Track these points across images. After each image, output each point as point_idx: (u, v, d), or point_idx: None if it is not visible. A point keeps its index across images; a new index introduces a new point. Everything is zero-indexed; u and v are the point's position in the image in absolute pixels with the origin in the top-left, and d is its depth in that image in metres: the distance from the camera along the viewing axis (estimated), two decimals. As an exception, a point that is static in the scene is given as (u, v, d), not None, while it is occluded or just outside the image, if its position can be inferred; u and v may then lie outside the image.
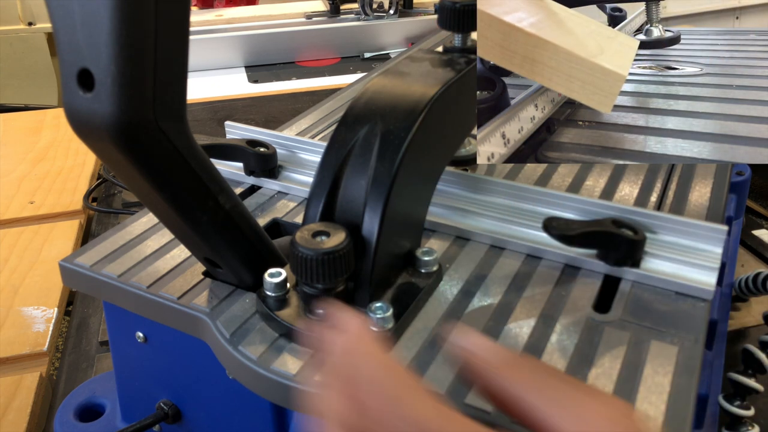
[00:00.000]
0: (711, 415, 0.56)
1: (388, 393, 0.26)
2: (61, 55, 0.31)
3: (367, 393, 0.26)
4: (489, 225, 0.51)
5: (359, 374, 0.27)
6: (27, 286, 0.80)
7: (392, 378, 0.26)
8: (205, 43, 1.34)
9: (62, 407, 0.58)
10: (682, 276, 0.45)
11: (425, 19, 1.43)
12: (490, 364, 0.28)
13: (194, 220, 0.38)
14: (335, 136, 0.44)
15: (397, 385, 0.26)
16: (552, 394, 0.26)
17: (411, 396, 0.26)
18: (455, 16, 0.50)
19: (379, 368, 0.27)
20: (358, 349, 0.28)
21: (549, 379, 0.27)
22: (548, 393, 0.26)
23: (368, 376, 0.27)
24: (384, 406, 0.26)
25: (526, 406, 0.26)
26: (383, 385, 0.26)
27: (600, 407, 0.26)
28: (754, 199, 0.99)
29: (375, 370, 0.27)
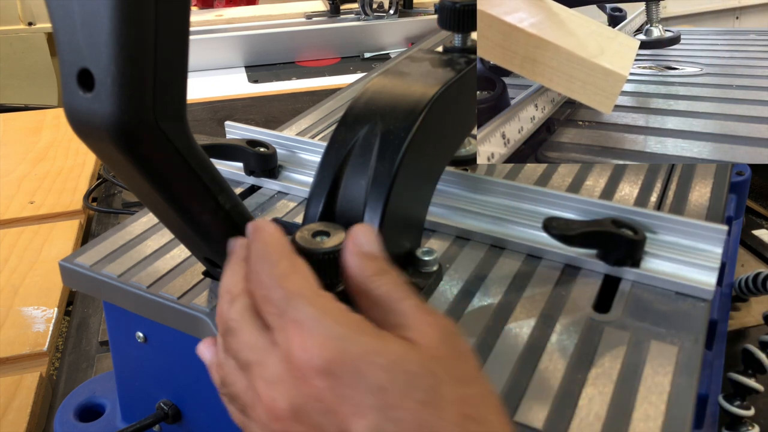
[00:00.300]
0: (711, 415, 0.56)
1: (273, 264, 0.31)
2: (61, 55, 0.31)
3: (255, 262, 0.32)
4: (489, 225, 0.51)
5: (254, 251, 0.33)
6: (27, 286, 0.80)
7: (281, 256, 0.32)
8: (205, 43, 1.34)
9: (62, 407, 0.58)
10: (682, 276, 0.45)
11: (425, 19, 1.43)
12: (363, 269, 0.33)
13: (194, 220, 0.38)
14: (335, 136, 0.44)
15: (283, 261, 0.32)
16: (405, 306, 0.31)
17: (292, 271, 0.31)
18: (455, 16, 0.50)
19: (271, 246, 0.33)
20: (259, 238, 0.33)
21: (407, 295, 0.32)
22: (402, 305, 0.31)
23: (261, 251, 0.32)
24: (267, 273, 0.31)
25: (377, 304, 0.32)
26: (271, 259, 0.32)
27: (439, 321, 0.31)
28: (754, 199, 1.00)
29: (268, 247, 0.32)
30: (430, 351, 0.29)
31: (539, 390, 0.37)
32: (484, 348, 0.40)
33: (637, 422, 0.35)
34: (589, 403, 0.36)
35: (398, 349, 0.28)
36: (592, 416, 0.36)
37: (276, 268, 0.31)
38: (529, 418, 0.36)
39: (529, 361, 0.39)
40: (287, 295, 0.30)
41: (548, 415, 0.36)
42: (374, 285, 0.32)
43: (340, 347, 0.28)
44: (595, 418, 0.35)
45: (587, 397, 0.37)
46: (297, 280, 0.31)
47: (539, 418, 0.35)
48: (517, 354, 0.40)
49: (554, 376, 0.38)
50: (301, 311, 0.29)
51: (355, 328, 0.29)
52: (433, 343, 0.29)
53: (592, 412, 0.36)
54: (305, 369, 0.28)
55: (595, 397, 0.37)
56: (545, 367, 0.39)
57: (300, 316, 0.29)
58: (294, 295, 0.30)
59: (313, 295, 0.30)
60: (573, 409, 0.36)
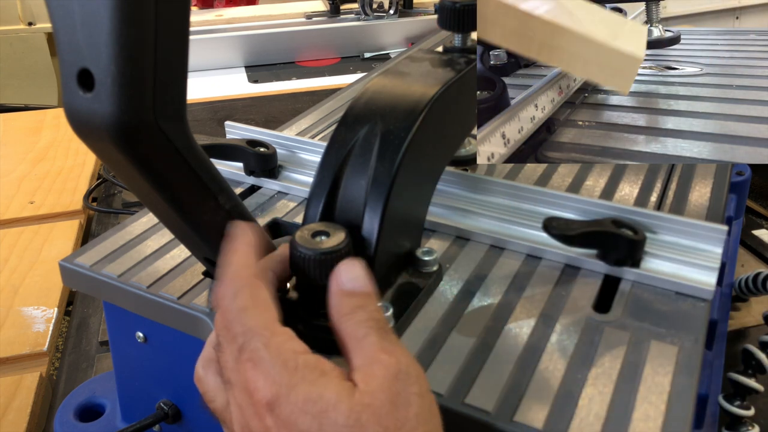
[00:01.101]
0: (711, 415, 0.56)
1: (234, 294, 0.33)
2: (61, 55, 0.31)
3: (219, 288, 0.34)
4: (489, 225, 0.51)
5: (222, 274, 0.35)
6: (27, 286, 0.80)
7: (243, 285, 0.33)
8: (205, 43, 1.34)
9: (62, 407, 0.58)
10: (682, 276, 0.45)
11: (425, 19, 1.43)
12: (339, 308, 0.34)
13: (194, 220, 0.38)
14: (335, 136, 0.44)
15: (244, 292, 0.33)
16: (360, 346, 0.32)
17: (252, 305, 0.32)
18: (455, 16, 0.50)
19: (236, 271, 0.34)
20: (227, 259, 0.35)
21: (368, 332, 0.32)
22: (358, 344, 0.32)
23: (226, 276, 0.34)
24: (227, 304, 0.33)
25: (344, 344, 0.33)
26: (234, 287, 0.33)
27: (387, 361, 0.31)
28: (754, 199, 1.00)
29: (232, 272, 0.34)
30: (366, 398, 0.30)
31: (539, 390, 0.37)
32: (484, 348, 0.40)
33: (637, 422, 0.35)
34: (589, 403, 0.36)
35: (331, 398, 0.29)
36: (592, 416, 0.36)
37: (236, 300, 0.33)
38: (529, 418, 0.36)
39: (529, 361, 0.39)
40: (245, 332, 0.32)
41: (548, 415, 0.36)
42: (343, 325, 0.33)
43: (283, 392, 0.30)
44: (595, 418, 0.35)
45: (587, 397, 0.37)
46: (255, 316, 0.32)
47: (539, 418, 0.35)
48: (517, 354, 0.40)
49: (554, 376, 0.38)
50: (257, 352, 0.31)
51: (300, 373, 0.30)
52: (372, 388, 0.30)
53: (592, 412, 0.36)
54: (257, 404, 0.30)
55: (595, 397, 0.37)
56: (545, 367, 0.39)
57: (254, 356, 0.31)
58: (251, 334, 0.32)
59: (270, 335, 0.32)
60: (573, 409, 0.36)
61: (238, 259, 0.35)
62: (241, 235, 0.36)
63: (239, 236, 0.36)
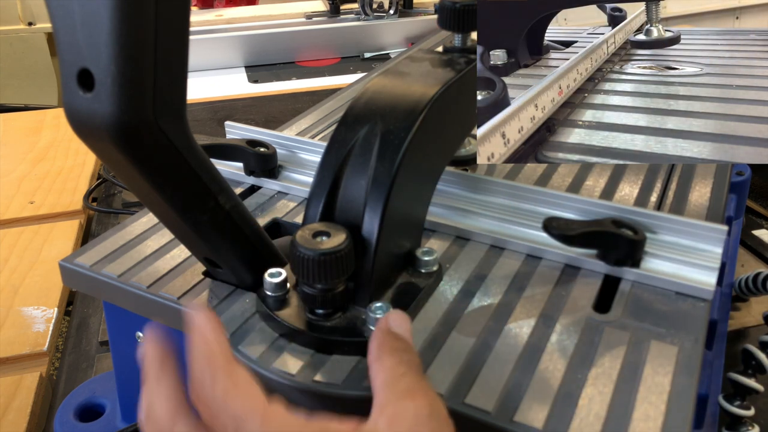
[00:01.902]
0: (711, 415, 0.56)
1: (213, 381, 0.31)
2: (61, 55, 0.31)
3: (195, 376, 0.32)
4: (489, 225, 0.51)
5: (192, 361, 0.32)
6: (27, 286, 0.80)
7: (217, 369, 0.31)
8: (205, 43, 1.34)
9: (62, 407, 0.58)
10: (682, 276, 0.45)
11: (425, 19, 1.43)
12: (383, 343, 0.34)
13: (194, 220, 0.38)
14: (335, 136, 0.44)
15: (221, 377, 0.31)
16: (386, 392, 0.32)
17: (233, 389, 0.31)
18: (455, 16, 0.50)
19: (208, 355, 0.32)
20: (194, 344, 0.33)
21: (397, 379, 0.32)
22: (386, 390, 0.32)
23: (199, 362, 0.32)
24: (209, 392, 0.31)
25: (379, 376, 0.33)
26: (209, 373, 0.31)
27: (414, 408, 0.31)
28: (754, 199, 1.00)
29: (204, 356, 0.32)
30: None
31: (539, 390, 0.37)
32: (484, 348, 0.40)
33: (637, 422, 0.35)
34: (589, 403, 0.36)
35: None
36: (592, 416, 0.36)
37: (216, 388, 0.31)
38: (529, 418, 0.36)
39: (529, 361, 0.39)
40: (235, 418, 0.30)
41: (548, 415, 0.36)
42: (384, 358, 0.34)
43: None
44: (595, 418, 0.35)
45: (587, 397, 0.37)
46: (241, 398, 0.30)
47: (539, 418, 0.35)
48: (517, 354, 0.40)
49: (554, 376, 0.38)
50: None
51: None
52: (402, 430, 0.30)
53: (592, 412, 0.36)
54: None
55: (595, 397, 0.37)
56: (545, 367, 0.39)
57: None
58: (243, 417, 0.30)
59: (263, 412, 0.30)
60: (573, 409, 0.36)
61: (206, 346, 0.33)
62: (204, 321, 0.34)
63: (202, 323, 0.34)
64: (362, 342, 0.39)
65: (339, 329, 0.40)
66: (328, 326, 0.40)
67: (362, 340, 0.39)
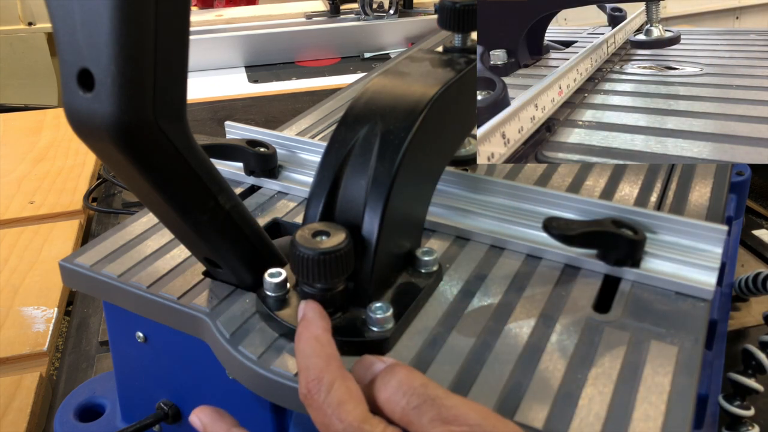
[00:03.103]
0: (711, 415, 0.56)
1: (327, 389, 0.32)
2: (61, 55, 0.31)
3: (300, 364, 0.34)
4: (489, 225, 0.51)
5: (306, 366, 0.34)
6: (27, 286, 0.80)
7: (335, 377, 0.33)
8: (205, 43, 1.34)
9: (62, 407, 0.58)
10: (682, 276, 0.45)
11: (425, 19, 1.43)
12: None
13: (194, 220, 0.38)
14: (335, 136, 0.44)
15: (338, 386, 0.32)
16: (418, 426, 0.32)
17: (348, 398, 0.32)
18: (455, 16, 0.50)
19: (325, 363, 0.34)
20: (302, 333, 0.35)
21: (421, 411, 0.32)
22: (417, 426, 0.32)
23: (315, 369, 0.33)
24: (323, 400, 0.32)
25: None
26: (326, 382, 0.33)
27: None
28: (754, 199, 1.00)
29: (307, 347, 0.34)
30: None
31: (539, 390, 0.37)
32: (484, 348, 0.40)
33: (637, 422, 0.35)
34: (589, 403, 0.36)
35: None
36: (592, 416, 0.36)
37: (332, 396, 0.32)
38: (529, 418, 0.36)
39: (529, 361, 0.39)
40: (345, 428, 0.31)
41: (548, 415, 0.36)
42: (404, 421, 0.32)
43: None
44: (595, 418, 0.35)
45: (587, 397, 0.37)
46: (353, 410, 0.32)
47: (539, 418, 0.35)
48: (517, 354, 0.40)
49: (554, 376, 0.38)
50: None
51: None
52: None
53: (592, 412, 0.36)
54: None
55: (595, 397, 0.37)
56: (545, 367, 0.39)
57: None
58: (352, 429, 0.31)
59: (371, 429, 0.31)
60: (573, 409, 0.36)
61: (322, 349, 0.34)
62: (319, 319, 0.35)
63: (316, 320, 0.35)
64: (362, 342, 0.39)
65: (339, 329, 0.40)
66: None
67: (362, 340, 0.39)
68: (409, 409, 0.32)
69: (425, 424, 0.31)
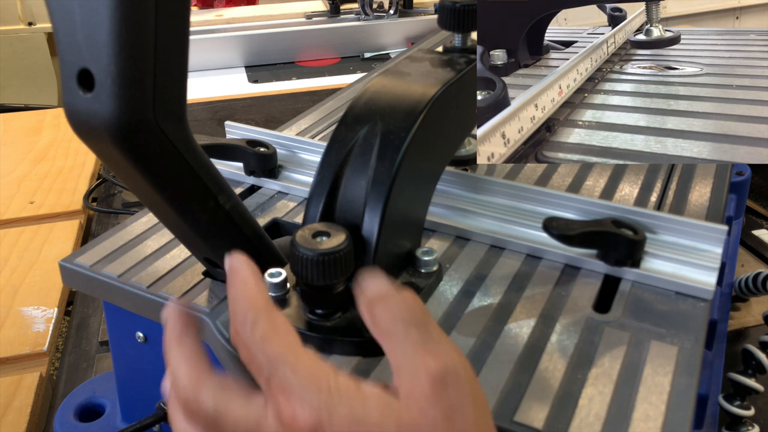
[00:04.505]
0: (711, 415, 0.56)
1: (252, 325, 0.31)
2: (61, 55, 0.31)
3: (234, 321, 0.32)
4: (489, 225, 0.51)
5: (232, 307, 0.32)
6: (27, 286, 0.80)
7: (259, 313, 0.32)
8: (205, 43, 1.34)
9: (62, 407, 0.58)
10: (682, 276, 0.45)
11: (425, 19, 1.43)
12: (364, 298, 0.32)
13: (194, 220, 0.38)
14: (335, 136, 0.44)
15: (262, 321, 0.31)
16: (399, 346, 0.30)
17: (273, 333, 0.31)
18: (455, 16, 0.50)
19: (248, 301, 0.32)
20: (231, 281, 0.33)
21: (405, 328, 0.30)
22: (396, 344, 0.30)
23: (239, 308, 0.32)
24: (248, 336, 0.31)
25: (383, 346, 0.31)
26: (250, 318, 0.31)
27: (433, 365, 0.29)
28: (754, 199, 0.99)
29: (245, 302, 0.32)
30: (411, 416, 0.28)
31: (539, 390, 0.37)
32: (484, 348, 0.40)
33: (637, 422, 0.35)
34: (589, 403, 0.36)
35: (376, 419, 0.28)
36: (592, 416, 0.36)
37: (255, 330, 0.31)
38: (529, 418, 0.36)
39: (529, 361, 0.39)
40: (270, 361, 0.30)
41: (548, 415, 0.36)
42: (379, 327, 0.31)
43: (325, 416, 0.28)
44: (595, 418, 0.35)
45: (587, 397, 0.37)
46: (278, 343, 0.31)
47: (539, 418, 0.35)
48: (517, 354, 0.40)
49: (554, 376, 0.38)
50: (286, 380, 0.29)
51: (337, 394, 0.29)
52: (419, 405, 0.28)
53: (592, 412, 0.36)
54: (296, 430, 0.29)
55: (595, 397, 0.37)
56: (545, 367, 0.39)
57: (285, 384, 0.29)
58: (278, 362, 0.30)
59: (296, 359, 0.30)
60: (573, 409, 0.36)
61: (247, 290, 0.33)
62: (244, 266, 0.35)
63: (242, 267, 0.34)
64: (362, 342, 0.39)
65: (339, 329, 0.40)
66: (328, 326, 0.40)
67: (362, 340, 0.39)
68: None
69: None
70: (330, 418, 0.28)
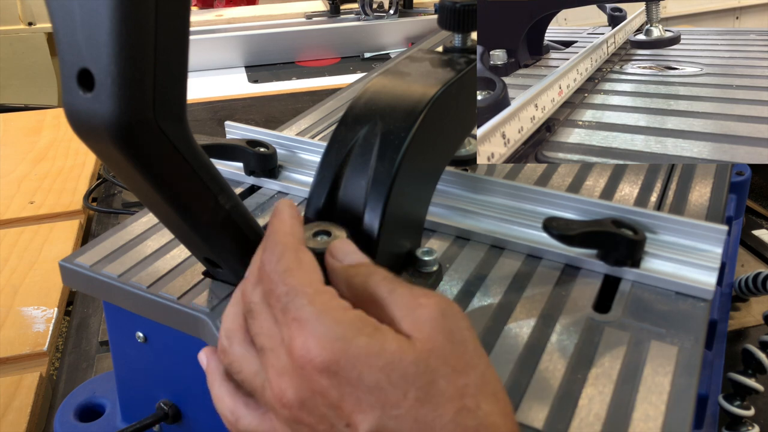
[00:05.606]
0: (711, 415, 0.56)
1: (278, 257, 0.32)
2: (61, 55, 0.31)
3: (263, 251, 0.33)
4: (489, 225, 0.51)
5: (266, 238, 0.34)
6: (27, 286, 0.80)
7: (286, 248, 0.33)
8: (205, 43, 1.34)
9: (62, 407, 0.58)
10: (682, 276, 0.45)
11: (425, 19, 1.43)
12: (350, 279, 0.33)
13: (194, 220, 0.38)
14: (335, 136, 0.44)
15: (288, 255, 0.32)
16: (389, 303, 0.31)
17: (296, 266, 0.32)
18: (455, 16, 0.50)
19: (280, 235, 0.33)
20: (272, 224, 0.35)
21: (392, 288, 0.32)
22: (386, 303, 0.31)
23: (270, 240, 0.33)
24: (272, 267, 0.32)
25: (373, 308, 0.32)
26: (277, 251, 0.32)
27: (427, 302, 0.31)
28: (754, 199, 0.99)
29: (276, 236, 0.33)
30: (425, 344, 0.29)
31: (539, 390, 0.37)
32: (484, 348, 0.40)
33: (637, 422, 0.35)
34: (589, 403, 0.36)
35: (394, 349, 0.29)
36: (592, 416, 0.36)
37: (280, 263, 0.32)
38: (529, 418, 0.36)
39: (529, 361, 0.39)
40: (289, 291, 0.31)
41: (548, 415, 0.36)
42: (361, 292, 0.32)
43: (340, 348, 0.29)
44: (595, 418, 0.35)
45: (587, 397, 0.37)
46: (299, 276, 0.31)
47: (539, 418, 0.35)
48: (517, 354, 0.40)
49: (554, 376, 0.38)
50: (302, 310, 0.30)
51: (353, 327, 0.29)
52: (426, 334, 0.30)
53: (592, 412, 0.36)
54: (308, 367, 0.29)
55: (595, 397, 0.37)
56: (545, 367, 0.39)
57: (300, 314, 0.30)
58: (295, 293, 0.30)
59: (314, 292, 0.31)
60: (573, 409, 0.36)
61: (282, 227, 0.34)
62: (287, 208, 0.36)
63: (285, 209, 0.35)
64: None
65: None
66: None
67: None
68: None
69: None
70: (347, 351, 0.28)
